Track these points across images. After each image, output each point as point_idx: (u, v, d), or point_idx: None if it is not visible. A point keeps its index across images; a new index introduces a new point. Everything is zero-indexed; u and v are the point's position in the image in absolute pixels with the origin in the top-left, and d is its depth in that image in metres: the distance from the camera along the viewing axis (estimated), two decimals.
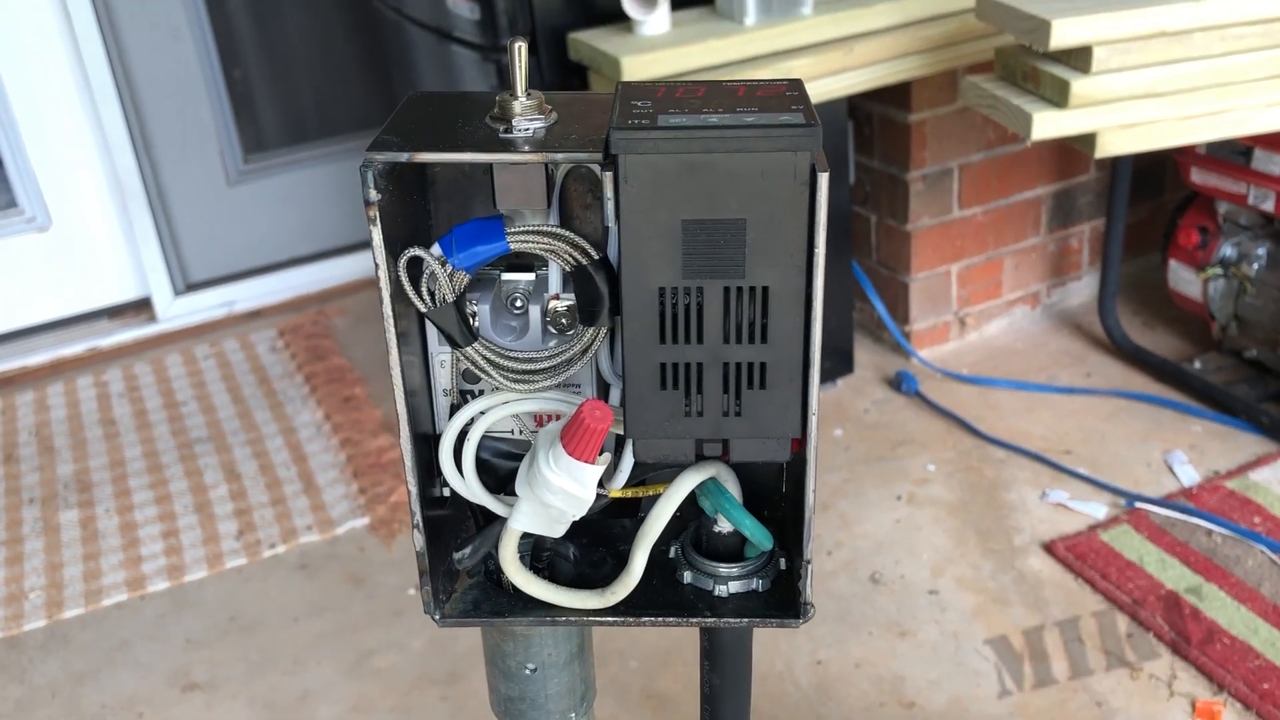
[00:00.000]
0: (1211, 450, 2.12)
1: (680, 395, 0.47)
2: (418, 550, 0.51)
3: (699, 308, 0.45)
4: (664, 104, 0.45)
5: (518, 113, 0.46)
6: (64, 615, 2.00)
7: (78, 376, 2.75)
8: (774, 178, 0.43)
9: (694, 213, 0.44)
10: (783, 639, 1.80)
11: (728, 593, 0.52)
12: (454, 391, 0.52)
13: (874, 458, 2.20)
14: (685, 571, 0.53)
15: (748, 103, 0.44)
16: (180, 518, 2.23)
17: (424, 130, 0.46)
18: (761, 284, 0.45)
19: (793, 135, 0.42)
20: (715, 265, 0.44)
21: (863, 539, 1.99)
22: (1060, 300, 2.61)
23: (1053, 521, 1.98)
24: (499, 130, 0.46)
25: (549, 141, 0.45)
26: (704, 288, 0.45)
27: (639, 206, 0.44)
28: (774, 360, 0.45)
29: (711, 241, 0.44)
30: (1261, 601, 1.77)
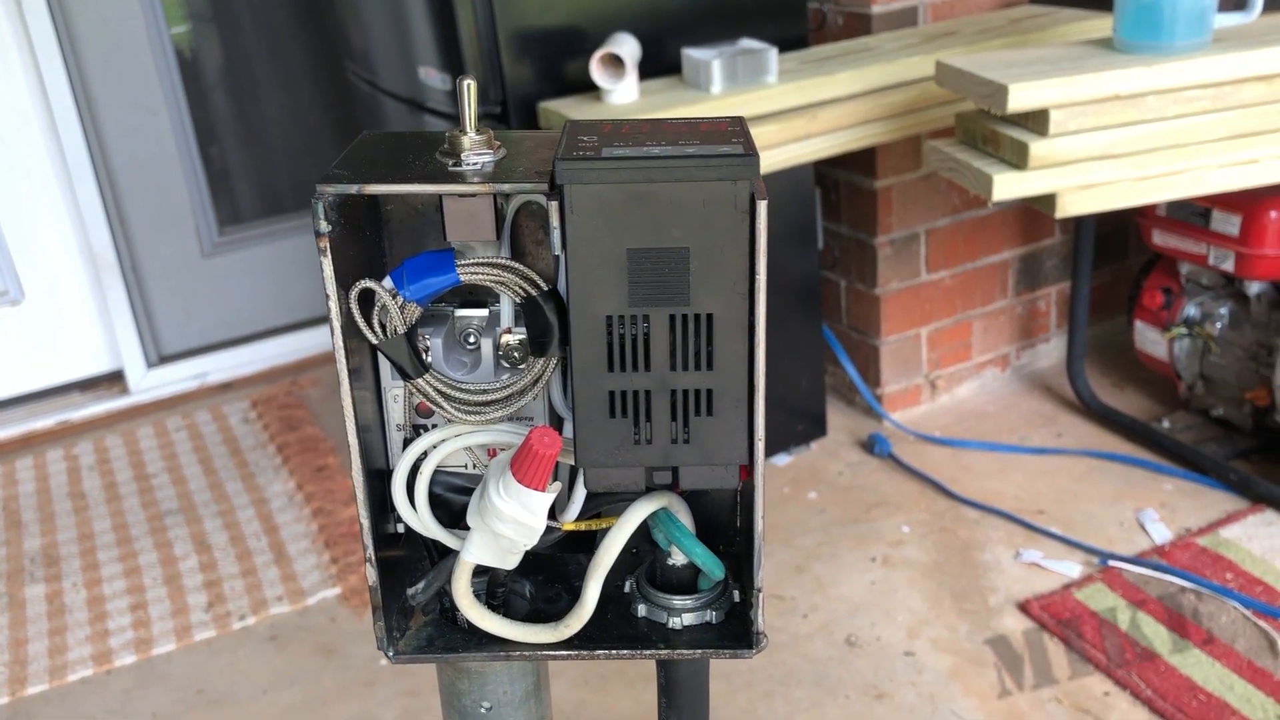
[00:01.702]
0: (1183, 508, 2.13)
1: (629, 423, 0.47)
2: (371, 585, 0.51)
3: (645, 336, 0.46)
4: (609, 138, 0.46)
5: (467, 147, 0.47)
6: (27, 692, 1.97)
7: (47, 450, 2.73)
8: (715, 206, 0.44)
9: (638, 241, 0.45)
10: (760, 704, 1.78)
11: (681, 625, 0.52)
12: (407, 426, 0.53)
13: (849, 520, 2.20)
14: (640, 604, 0.53)
15: (690, 136, 0.46)
16: (149, 590, 2.20)
17: (375, 164, 0.47)
18: (706, 311, 0.45)
19: (732, 165, 0.43)
20: (660, 293, 0.45)
21: (838, 601, 1.99)
22: (1029, 362, 2.64)
23: (1027, 581, 1.98)
24: (448, 164, 0.47)
25: (497, 174, 0.46)
26: (650, 316, 0.46)
27: (585, 236, 0.45)
28: (720, 387, 0.46)
29: (656, 270, 0.45)
30: (1236, 658, 1.76)
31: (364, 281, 0.47)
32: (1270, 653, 1.77)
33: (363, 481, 0.49)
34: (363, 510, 0.49)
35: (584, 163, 0.44)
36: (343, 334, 0.47)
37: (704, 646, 0.51)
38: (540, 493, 0.48)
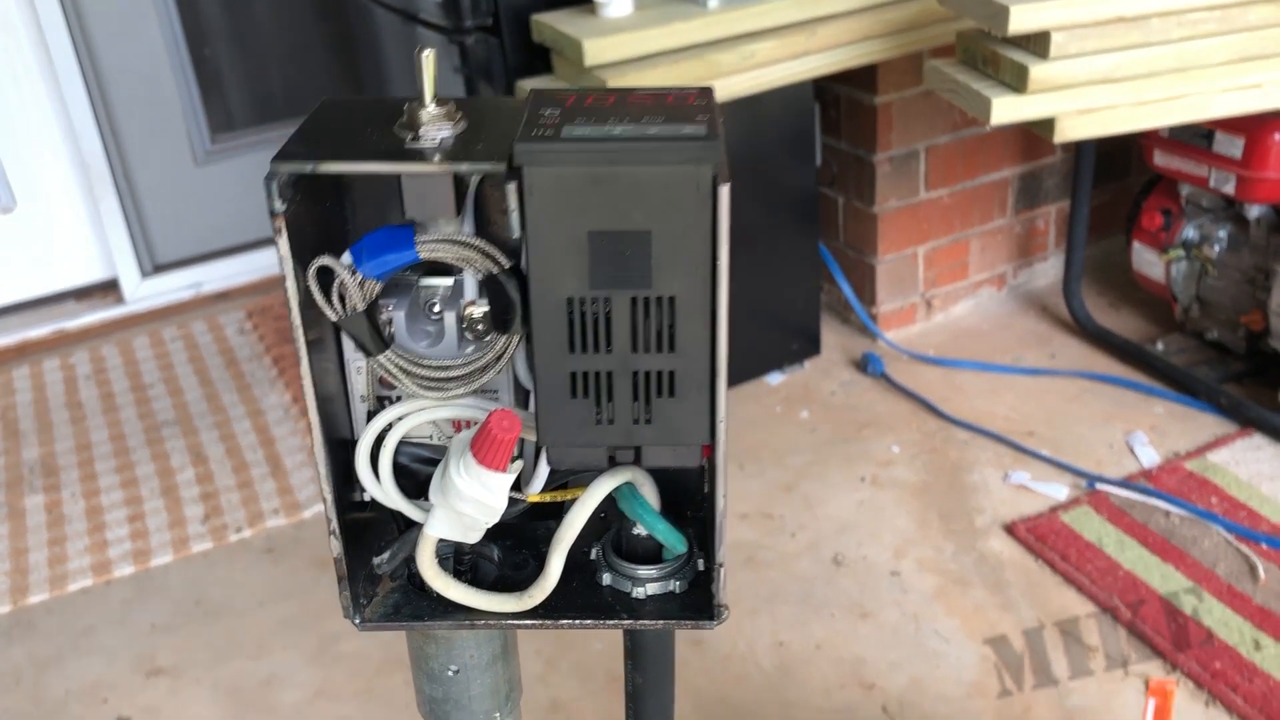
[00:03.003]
0: (1172, 431, 2.14)
1: (591, 403, 0.47)
2: (335, 556, 0.51)
3: (607, 317, 0.46)
4: (571, 113, 0.45)
5: (425, 121, 0.46)
6: (29, 601, 2.00)
7: (44, 359, 2.73)
8: (677, 189, 0.43)
9: (599, 224, 0.44)
10: (746, 621, 1.81)
11: (645, 595, 0.53)
12: (371, 398, 0.53)
13: (839, 440, 2.21)
14: (604, 573, 0.54)
15: (655, 112, 0.44)
16: (146, 502, 2.22)
17: (331, 139, 0.46)
18: (668, 294, 0.45)
19: (694, 147, 0.42)
20: (622, 275, 0.45)
21: (826, 521, 2.01)
22: (1026, 281, 2.62)
23: (1014, 503, 2.00)
24: (406, 139, 0.46)
25: (456, 150, 0.45)
26: (612, 297, 0.45)
27: (544, 218, 0.44)
28: (682, 369, 0.46)
29: (618, 252, 0.44)
30: (1217, 582, 1.79)
31: (322, 258, 0.46)
32: (1250, 577, 1.79)
33: (325, 455, 0.49)
34: (325, 485, 0.49)
35: (543, 144, 0.43)
36: (300, 311, 0.46)
37: (667, 617, 0.52)
38: (501, 473, 0.49)
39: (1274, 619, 1.71)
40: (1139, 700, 1.62)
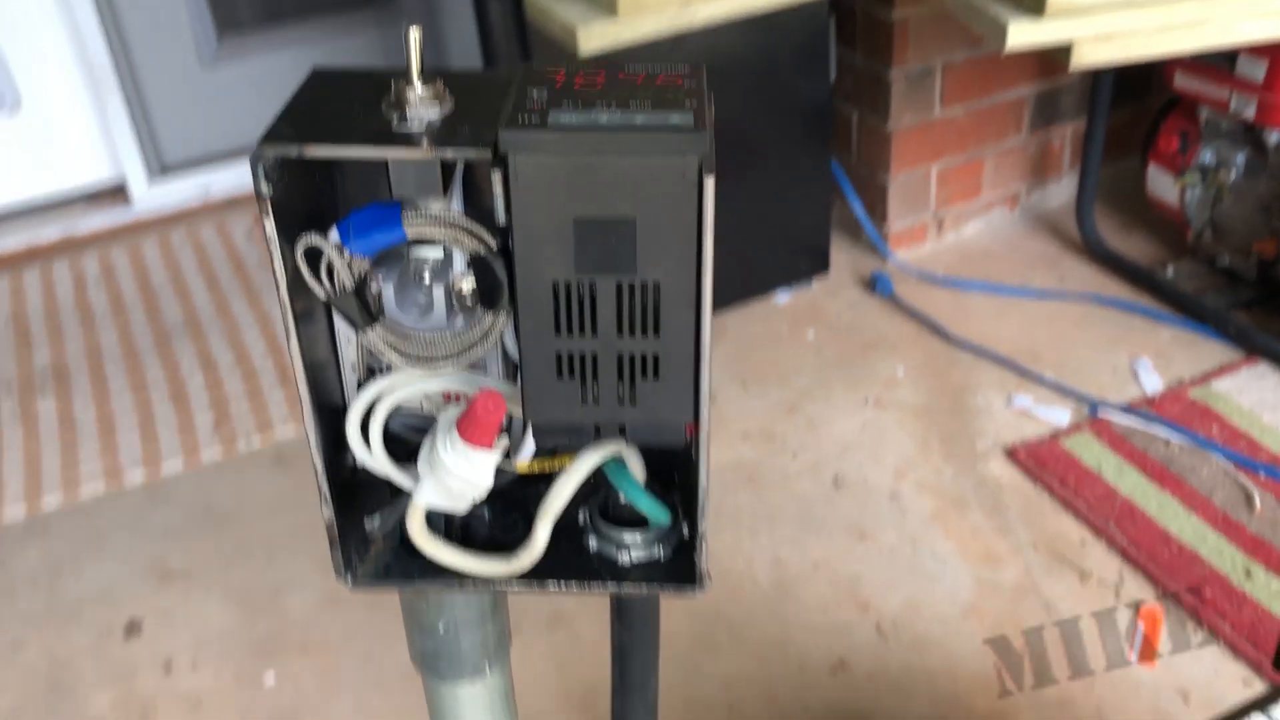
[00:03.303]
0: (1178, 358, 2.14)
1: (576, 383, 0.48)
2: (326, 522, 0.52)
3: (593, 301, 0.46)
4: (560, 95, 0.45)
5: (412, 101, 0.46)
6: (43, 506, 2.04)
7: (54, 262, 2.74)
8: (662, 179, 0.43)
9: (585, 211, 0.44)
10: (746, 540, 1.84)
11: (630, 560, 0.54)
12: (361, 368, 0.53)
13: (844, 360, 2.21)
14: (591, 538, 0.55)
15: (643, 96, 0.44)
16: (156, 408, 2.25)
17: (318, 119, 0.45)
18: (653, 280, 0.45)
19: (680, 138, 0.42)
20: (607, 261, 0.45)
21: (829, 442, 2.02)
22: (1039, 202, 2.60)
23: (1016, 427, 2.01)
24: (394, 120, 0.46)
25: (443, 133, 0.45)
26: (597, 282, 0.46)
27: (529, 204, 0.44)
28: (666, 352, 0.46)
29: (603, 239, 0.44)
30: (1212, 510, 1.81)
31: (310, 237, 0.46)
32: (1246, 507, 1.81)
33: (315, 423, 0.50)
34: (316, 455, 0.50)
35: (529, 131, 0.43)
36: (288, 289, 0.47)
37: (651, 582, 0.53)
38: (487, 450, 0.49)
39: (1266, 548, 1.73)
40: (1129, 625, 1.65)
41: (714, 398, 2.10)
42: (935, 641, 1.65)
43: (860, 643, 1.66)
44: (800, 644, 1.66)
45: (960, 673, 1.60)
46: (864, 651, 1.65)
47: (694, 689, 1.61)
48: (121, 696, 1.68)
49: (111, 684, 1.70)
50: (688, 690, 1.61)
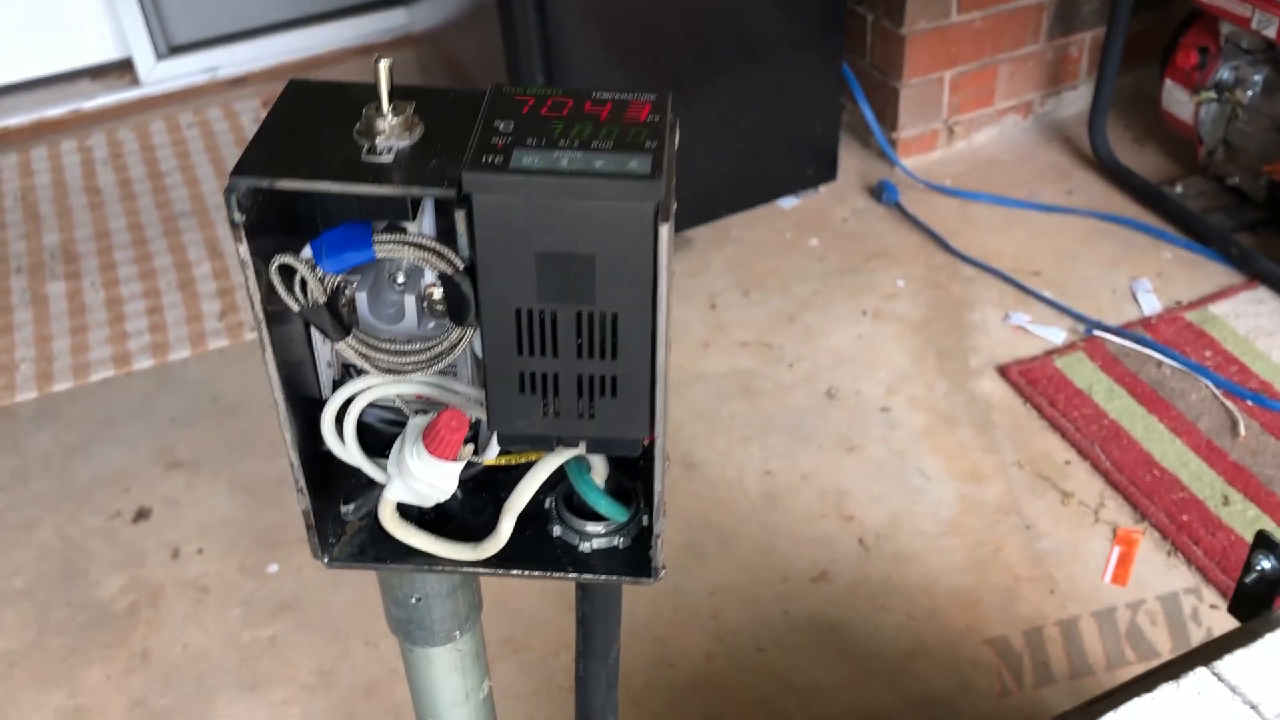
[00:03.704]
0: (1178, 279, 2.15)
1: (538, 398, 0.50)
2: (302, 509, 0.55)
3: (554, 327, 0.48)
4: (524, 129, 0.46)
5: (383, 131, 0.47)
6: (54, 388, 2.09)
7: (61, 140, 2.74)
8: (619, 223, 0.45)
9: (546, 247, 0.46)
10: (738, 448, 1.88)
11: (591, 549, 0.57)
12: (336, 366, 0.55)
13: (846, 270, 2.22)
14: (555, 526, 0.58)
15: (607, 131, 0.45)
16: (164, 295, 2.28)
17: (290, 147, 0.47)
18: (611, 310, 0.47)
19: (637, 186, 0.44)
20: (567, 292, 0.47)
21: (825, 353, 2.05)
22: (1053, 110, 2.57)
23: (1011, 345, 2.03)
24: (364, 149, 0.47)
25: (410, 166, 0.46)
26: (558, 311, 0.47)
27: (492, 240, 0.46)
28: (623, 374, 0.49)
29: (563, 272, 0.46)
30: (1197, 436, 1.84)
31: (283, 256, 0.48)
32: (1230, 433, 1.84)
33: (289, 419, 0.52)
34: (292, 451, 0.53)
35: (491, 173, 0.44)
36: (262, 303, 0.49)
37: (610, 572, 0.56)
38: (451, 462, 0.52)
39: (1246, 475, 1.77)
40: (1105, 547, 1.70)
41: (715, 304, 2.12)
42: (915, 556, 1.70)
43: (842, 554, 1.71)
44: (784, 554, 1.72)
45: (937, 588, 1.66)
46: (845, 563, 1.70)
47: (681, 595, 1.67)
48: (131, 581, 1.75)
49: (122, 568, 1.77)
50: (675, 597, 1.67)
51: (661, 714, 1.54)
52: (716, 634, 1.62)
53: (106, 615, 1.70)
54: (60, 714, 1.58)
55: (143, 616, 1.70)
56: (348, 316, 0.51)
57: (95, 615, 1.70)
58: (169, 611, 1.70)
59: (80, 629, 1.69)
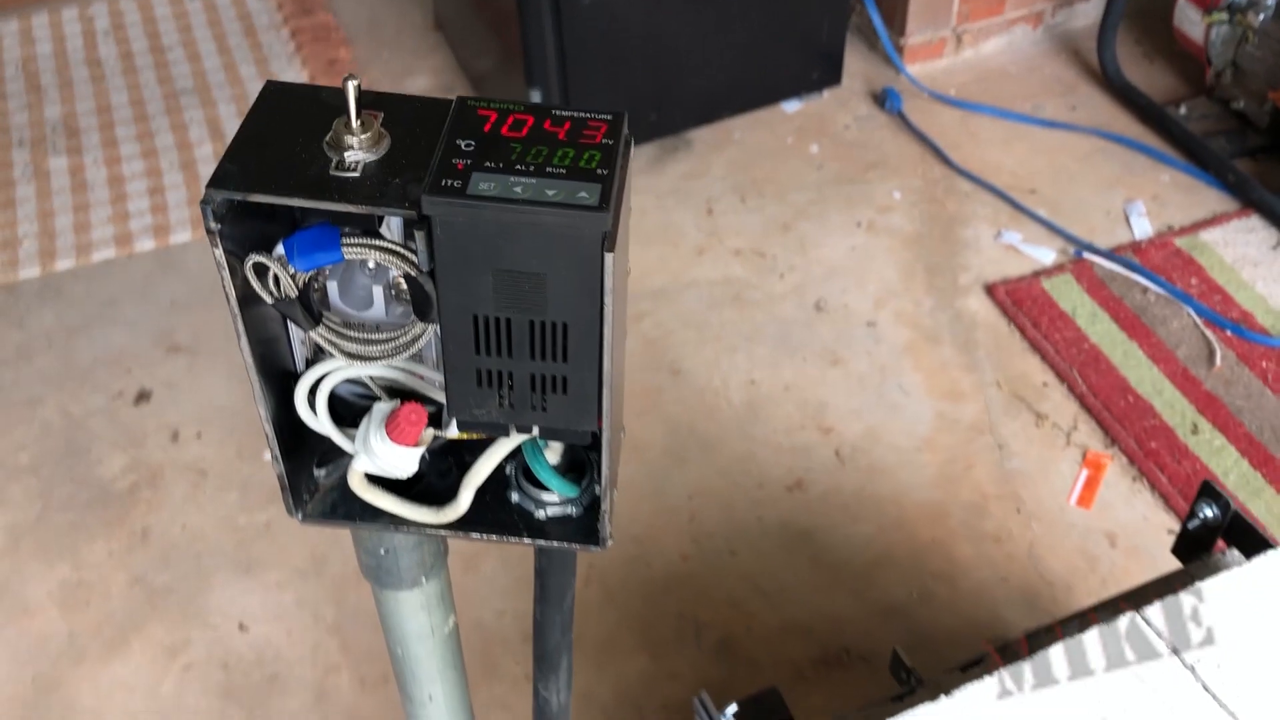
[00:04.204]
0: (1173, 203, 2.16)
1: (494, 391, 0.54)
2: (277, 474, 0.59)
3: (509, 332, 0.51)
4: (483, 151, 0.48)
5: (349, 146, 0.49)
6: (57, 267, 2.12)
7: (62, 8, 2.71)
8: (568, 249, 0.48)
9: (500, 264, 0.49)
10: (725, 357, 1.92)
11: (546, 516, 0.62)
12: (309, 342, 0.59)
13: (844, 179, 2.23)
14: (514, 493, 0.62)
15: (561, 157, 0.48)
16: (166, 175, 2.30)
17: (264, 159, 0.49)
18: (561, 320, 0.50)
19: (586, 217, 0.47)
20: (521, 303, 0.50)
21: (817, 264, 2.07)
22: (1064, 21, 2.53)
23: (1000, 263, 2.06)
24: (332, 162, 0.49)
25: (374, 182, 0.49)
26: (512, 319, 0.51)
27: (450, 256, 0.49)
28: (572, 374, 0.52)
29: (517, 286, 0.49)
30: (1174, 363, 1.88)
31: (257, 256, 0.51)
32: (1206, 362, 1.88)
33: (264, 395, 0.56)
34: (267, 424, 0.56)
35: (449, 198, 0.47)
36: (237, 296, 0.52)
37: (563, 539, 0.61)
38: (411, 447, 0.56)
39: (1217, 405, 1.81)
40: (1074, 470, 1.75)
41: (712, 209, 2.14)
42: (889, 470, 1.76)
43: (818, 465, 1.77)
44: (763, 462, 1.77)
45: (907, 501, 1.72)
46: (821, 474, 1.76)
47: (661, 498, 1.73)
48: (132, 461, 1.81)
49: (123, 448, 1.83)
50: (656, 500, 1.73)
51: (637, 610, 1.61)
52: (693, 536, 1.69)
53: (108, 494, 1.77)
54: (65, 586, 1.66)
55: (143, 496, 1.77)
56: (318, 303, 0.55)
57: (97, 493, 1.77)
58: (168, 493, 1.77)
59: (83, 506, 1.76)
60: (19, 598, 1.65)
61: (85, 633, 1.61)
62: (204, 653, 1.59)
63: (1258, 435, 1.76)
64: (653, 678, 1.55)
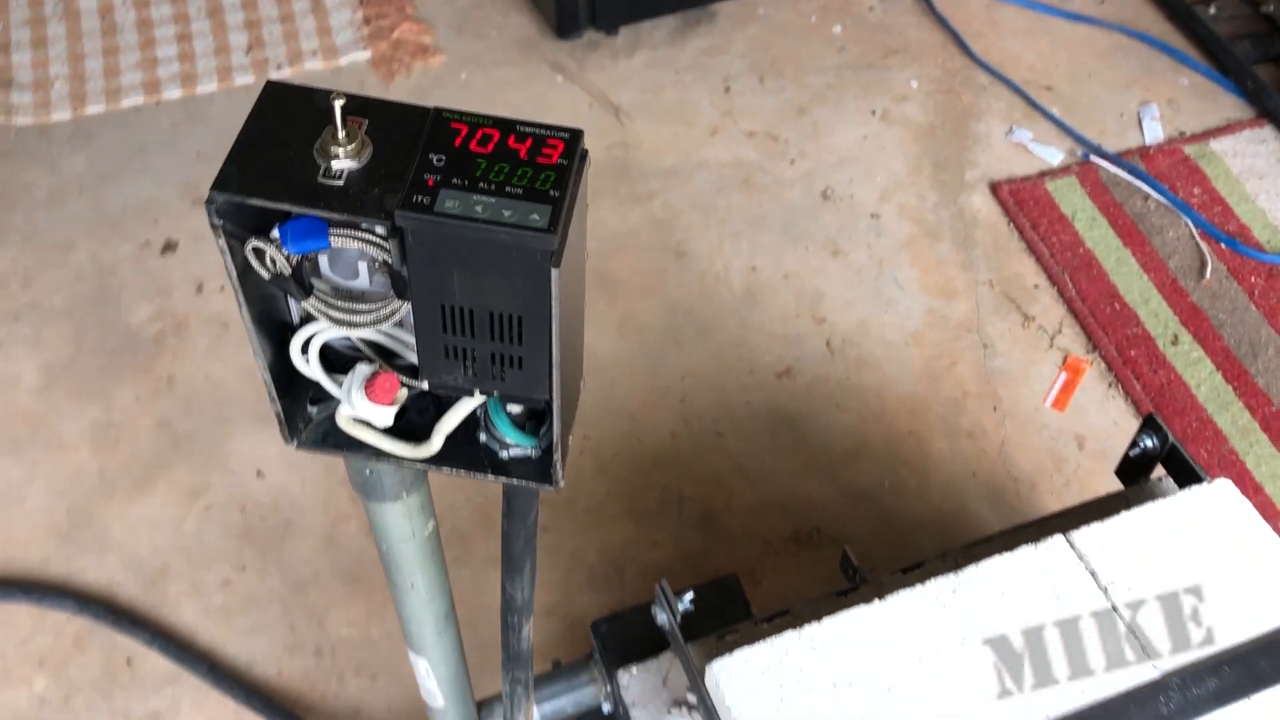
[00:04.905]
0: (1188, 108, 2.17)
1: (460, 363, 0.62)
2: (274, 411, 0.68)
3: (472, 318, 0.59)
4: (452, 167, 0.55)
5: (335, 155, 0.56)
6: (87, 111, 2.18)
7: None
8: (521, 262, 0.55)
9: (462, 268, 0.56)
10: (728, 242, 1.98)
11: (508, 456, 0.70)
12: None
13: (863, 65, 2.24)
14: (481, 433, 0.71)
15: (520, 177, 0.54)
16: (194, 22, 2.33)
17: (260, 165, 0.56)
18: (517, 313, 0.58)
19: (535, 238, 0.54)
20: (482, 298, 0.57)
21: (828, 151, 2.11)
22: None
23: (1008, 161, 2.09)
24: (320, 169, 0.56)
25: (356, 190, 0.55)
26: (474, 309, 0.58)
27: (419, 260, 0.56)
28: (527, 354, 0.60)
29: (478, 285, 0.56)
30: (1164, 273, 1.93)
31: (255, 240, 0.59)
32: (1197, 274, 1.93)
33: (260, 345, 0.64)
34: (264, 372, 0.65)
35: (419, 214, 0.54)
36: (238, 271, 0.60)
37: (523, 477, 0.70)
38: (388, 406, 0.64)
39: (1200, 318, 1.87)
40: (1054, 372, 1.83)
41: (729, 88, 2.16)
42: (876, 363, 1.84)
43: (808, 355, 1.85)
44: (756, 349, 1.86)
45: (889, 394, 1.81)
46: (810, 362, 1.85)
47: (656, 378, 1.82)
48: (158, 310, 1.91)
49: (150, 297, 1.93)
50: (651, 378, 1.82)
51: (625, 481, 1.73)
52: (683, 415, 1.79)
53: (136, 340, 1.88)
54: (96, 426, 1.79)
55: (169, 345, 1.87)
56: (310, 273, 0.62)
57: (126, 339, 1.88)
58: (193, 343, 1.88)
59: (112, 351, 1.87)
60: (55, 434, 1.78)
61: (115, 470, 1.74)
62: (224, 496, 1.72)
63: (1235, 349, 1.83)
64: (636, 544, 1.67)
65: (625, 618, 1.18)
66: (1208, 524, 1.08)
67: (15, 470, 1.73)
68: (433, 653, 0.96)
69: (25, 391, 1.82)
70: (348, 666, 1.56)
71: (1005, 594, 1.03)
